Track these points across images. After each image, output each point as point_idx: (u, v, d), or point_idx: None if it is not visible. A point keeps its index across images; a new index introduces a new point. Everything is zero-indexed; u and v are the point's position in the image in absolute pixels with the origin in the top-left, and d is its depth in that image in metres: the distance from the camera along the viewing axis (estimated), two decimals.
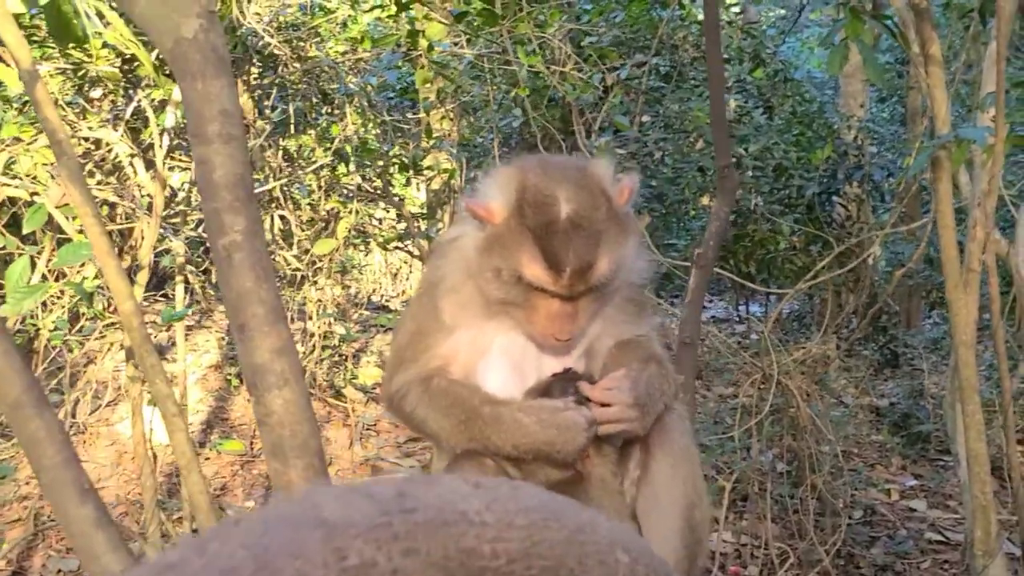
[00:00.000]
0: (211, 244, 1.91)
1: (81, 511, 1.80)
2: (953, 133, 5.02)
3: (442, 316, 2.99)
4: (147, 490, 5.26)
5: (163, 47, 1.92)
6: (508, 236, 2.77)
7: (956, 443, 6.20)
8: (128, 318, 2.67)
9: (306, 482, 1.86)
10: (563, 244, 2.70)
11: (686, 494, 3.04)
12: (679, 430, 3.12)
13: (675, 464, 3.06)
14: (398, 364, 3.05)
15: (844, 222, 11.61)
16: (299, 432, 1.90)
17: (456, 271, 2.99)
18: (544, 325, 2.86)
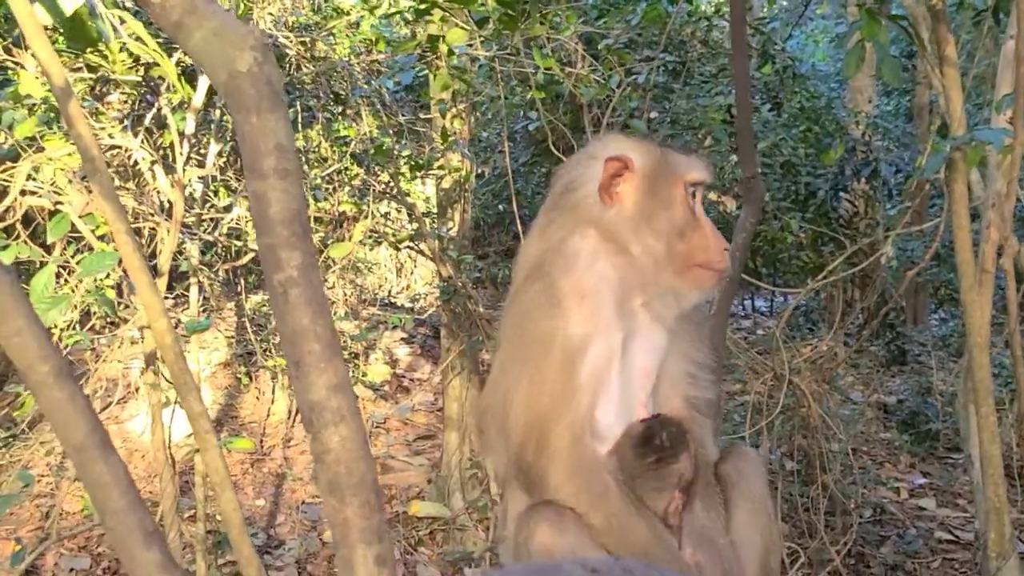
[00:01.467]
0: (267, 280, 1.90)
1: (147, 555, 1.80)
2: (969, 135, 5.01)
3: (571, 331, 2.97)
4: (167, 497, 5.27)
5: (217, 81, 1.91)
6: (661, 170, 3.16)
7: (969, 445, 6.20)
8: (162, 336, 2.67)
9: (363, 519, 1.86)
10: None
11: (764, 542, 3.09)
12: (756, 475, 3.15)
13: (753, 510, 3.09)
14: (532, 450, 2.97)
15: (851, 218, 11.60)
16: (355, 469, 1.89)
17: (582, 270, 3.04)
18: (714, 241, 3.15)
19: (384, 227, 8.90)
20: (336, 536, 1.90)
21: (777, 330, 7.18)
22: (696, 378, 3.29)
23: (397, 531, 8.05)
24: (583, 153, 3.31)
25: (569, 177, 3.25)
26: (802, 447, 7.86)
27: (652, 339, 3.20)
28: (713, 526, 3.08)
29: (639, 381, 3.17)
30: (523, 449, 2.99)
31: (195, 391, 2.79)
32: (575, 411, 2.95)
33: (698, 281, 3.15)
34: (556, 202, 3.26)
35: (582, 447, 2.95)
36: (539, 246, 3.18)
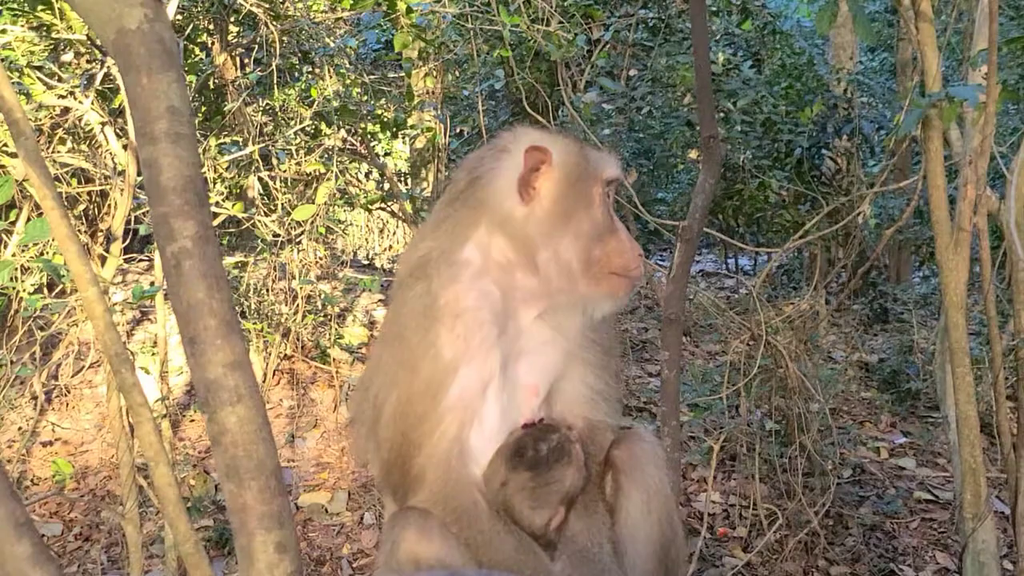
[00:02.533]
0: (159, 251, 1.80)
1: (17, 548, 1.70)
2: (944, 91, 4.91)
3: (441, 353, 2.82)
4: (124, 466, 5.18)
5: (105, 39, 1.79)
6: (582, 166, 2.98)
7: (946, 405, 6.14)
8: (91, 305, 2.56)
9: (262, 505, 1.77)
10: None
11: (662, 533, 2.96)
12: (651, 462, 3.03)
13: (649, 501, 2.97)
14: (399, 465, 2.88)
15: (833, 176, 11.51)
16: (255, 452, 1.80)
17: (463, 285, 2.87)
18: (630, 246, 2.98)
19: (355, 188, 8.79)
20: (234, 523, 1.81)
21: (754, 290, 7.11)
22: (596, 402, 3.14)
23: (373, 495, 7.98)
24: (492, 145, 3.09)
25: (477, 171, 3.04)
26: (781, 407, 7.80)
27: (542, 358, 3.05)
28: (589, 533, 2.97)
29: (525, 399, 3.03)
30: (390, 466, 2.90)
31: (127, 362, 2.69)
32: (441, 436, 2.81)
33: (612, 289, 2.97)
34: (458, 196, 3.05)
35: (447, 471, 2.83)
36: (430, 243, 2.98)
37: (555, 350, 3.05)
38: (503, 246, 2.93)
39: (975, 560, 5.38)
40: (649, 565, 2.93)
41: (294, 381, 9.08)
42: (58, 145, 6.90)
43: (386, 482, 2.95)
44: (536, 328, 3.01)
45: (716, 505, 7.92)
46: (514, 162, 2.93)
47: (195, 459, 8.14)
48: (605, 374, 3.15)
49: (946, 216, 5.04)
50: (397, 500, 2.92)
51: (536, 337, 3.01)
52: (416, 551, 2.68)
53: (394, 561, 2.70)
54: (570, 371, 3.09)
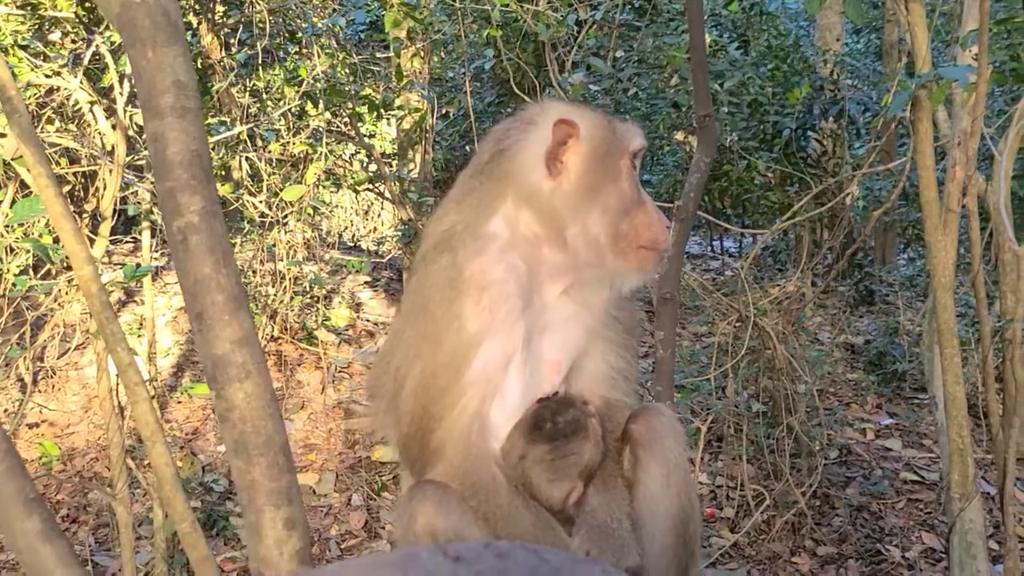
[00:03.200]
0: (166, 226, 1.78)
1: (27, 524, 1.69)
2: (934, 72, 4.91)
3: (466, 325, 2.78)
4: (114, 447, 5.16)
5: (109, 12, 1.77)
6: (608, 138, 2.92)
7: (933, 386, 6.18)
8: (86, 283, 2.54)
9: (271, 481, 1.76)
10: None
11: (680, 507, 2.93)
12: (671, 435, 3.01)
13: (668, 475, 2.94)
14: (419, 438, 2.85)
15: (820, 158, 11.52)
16: (263, 428, 1.79)
17: (490, 258, 2.83)
18: (658, 219, 2.94)
19: (342, 169, 8.75)
20: (243, 500, 1.80)
21: (742, 272, 7.12)
22: (616, 381, 3.11)
23: (360, 476, 7.98)
24: (518, 117, 3.03)
25: (502, 144, 2.96)
26: (768, 389, 7.82)
27: (565, 334, 3.02)
28: (607, 509, 2.96)
29: (547, 375, 3.00)
30: (409, 440, 2.86)
31: (123, 341, 2.68)
32: (462, 410, 2.78)
33: (641, 262, 2.92)
34: (483, 168, 2.99)
35: (467, 446, 2.80)
36: (455, 216, 2.94)
37: (578, 327, 3.01)
38: (529, 220, 2.89)
39: (962, 540, 5.41)
40: (668, 539, 2.91)
41: (281, 363, 9.07)
42: (46, 125, 6.85)
43: (405, 455, 2.92)
44: (561, 304, 2.97)
45: (704, 486, 7.94)
46: (542, 135, 2.88)
47: (182, 440, 8.12)
48: (626, 353, 3.12)
49: (935, 197, 5.05)
50: (415, 474, 2.90)
51: (560, 313, 2.97)
52: (434, 524, 2.67)
53: (411, 534, 2.68)
54: (592, 349, 3.06)
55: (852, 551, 7.22)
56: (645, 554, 2.89)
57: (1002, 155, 5.37)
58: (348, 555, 7.24)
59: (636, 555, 2.85)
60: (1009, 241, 5.50)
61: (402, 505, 2.79)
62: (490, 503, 2.76)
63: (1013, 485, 5.58)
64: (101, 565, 6.89)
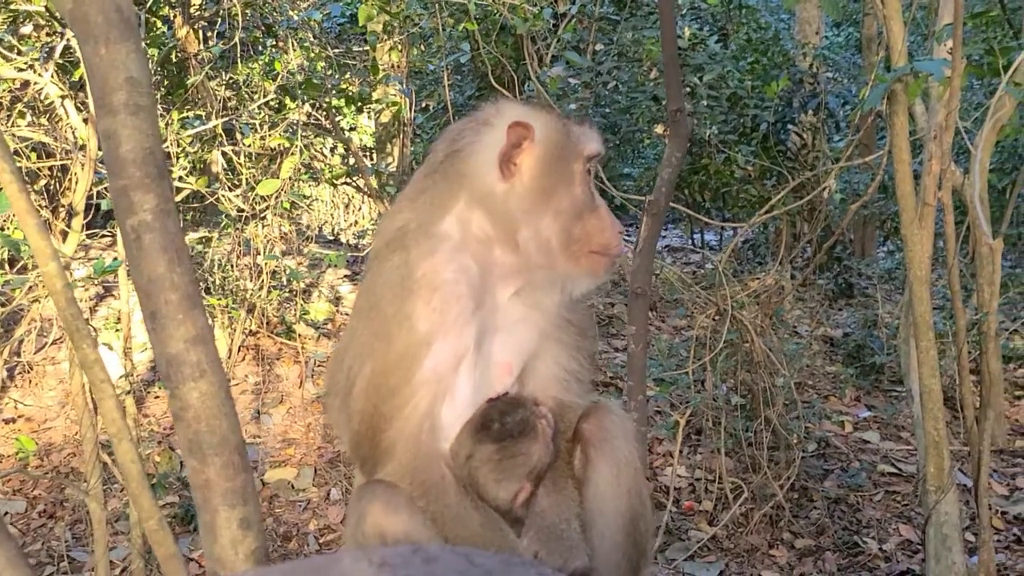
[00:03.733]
0: (119, 224, 1.77)
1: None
2: (910, 66, 4.92)
3: (417, 325, 2.76)
4: (88, 442, 5.14)
5: (62, 8, 1.76)
6: (563, 141, 2.91)
7: (910, 379, 6.19)
8: (51, 279, 2.52)
9: (226, 481, 1.75)
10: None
11: (631, 506, 2.94)
12: (621, 435, 3.01)
13: (619, 474, 2.95)
14: (370, 437, 2.82)
15: (799, 151, 11.53)
16: (217, 427, 1.78)
17: (441, 258, 2.80)
18: (611, 224, 2.93)
19: (320, 163, 8.73)
20: (197, 500, 1.79)
21: (720, 265, 7.12)
22: (568, 383, 3.10)
23: (339, 471, 7.97)
24: (473, 117, 3.01)
25: (456, 144, 2.95)
26: (746, 382, 7.83)
27: (517, 335, 3.01)
28: (556, 510, 2.95)
29: (498, 376, 2.99)
30: (361, 438, 2.84)
31: (88, 338, 2.66)
32: (413, 409, 2.77)
33: (592, 267, 2.92)
34: (437, 167, 2.97)
35: (417, 445, 2.79)
36: (408, 215, 2.91)
37: (530, 328, 3.01)
38: (482, 221, 2.87)
39: (938, 532, 5.43)
40: (618, 537, 2.91)
41: (259, 357, 9.04)
42: (17, 119, 6.80)
43: (356, 454, 2.92)
44: (512, 305, 2.97)
45: (682, 479, 7.95)
46: (496, 137, 2.87)
47: (160, 435, 8.10)
48: (579, 355, 3.11)
49: (911, 191, 5.06)
50: (366, 472, 2.89)
51: (512, 314, 2.97)
52: (382, 524, 2.66)
53: (360, 534, 2.68)
54: (544, 351, 3.06)
55: (830, 543, 7.23)
56: (595, 553, 2.89)
57: (978, 148, 5.39)
58: (327, 549, 7.23)
59: (584, 556, 2.85)
60: (984, 235, 5.53)
61: (351, 504, 2.79)
62: (439, 503, 2.76)
63: (988, 477, 5.61)
64: (78, 560, 6.87)
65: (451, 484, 2.81)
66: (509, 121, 2.86)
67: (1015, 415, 9.16)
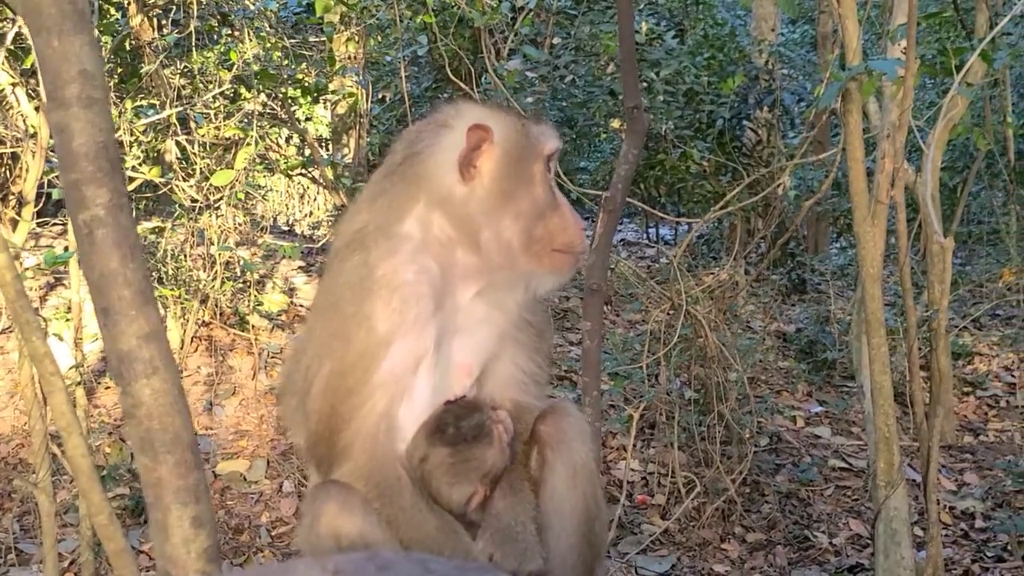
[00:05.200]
0: (71, 219, 1.75)
1: None
2: (864, 65, 4.95)
3: (376, 326, 2.75)
4: (36, 434, 5.08)
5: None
6: (522, 142, 2.91)
7: (861, 375, 6.25)
8: (0, 271, 2.49)
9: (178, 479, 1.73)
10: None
11: (586, 508, 2.94)
12: (577, 436, 3.01)
13: (575, 475, 2.95)
14: (326, 438, 2.81)
15: (754, 147, 11.60)
16: (170, 425, 1.76)
17: (402, 258, 2.80)
18: (573, 222, 2.93)
19: (275, 154, 8.68)
20: (149, 498, 1.78)
21: (675, 260, 7.15)
22: (526, 385, 3.10)
23: (292, 463, 7.93)
24: (431, 120, 3.01)
25: (415, 147, 2.95)
26: (700, 376, 7.87)
27: (477, 337, 3.00)
28: (512, 512, 2.95)
29: (457, 378, 2.98)
30: (317, 439, 2.84)
31: (38, 330, 2.63)
32: (370, 410, 2.76)
33: (556, 266, 2.92)
34: (395, 169, 2.96)
35: (374, 446, 2.78)
36: (367, 216, 2.90)
37: (490, 330, 3.00)
38: (443, 223, 2.86)
39: (887, 527, 5.48)
40: (573, 539, 2.92)
41: (212, 348, 8.97)
42: None
43: (312, 454, 2.91)
44: (473, 306, 2.96)
45: (635, 473, 7.99)
46: (455, 139, 2.86)
47: (110, 427, 8.02)
48: (537, 356, 3.12)
49: (864, 188, 5.10)
50: (322, 472, 2.88)
51: (472, 316, 2.96)
52: (337, 525, 2.65)
53: (314, 535, 2.66)
54: (503, 352, 3.05)
55: (780, 537, 7.30)
56: (551, 555, 2.90)
57: (930, 147, 5.44)
58: (279, 543, 7.20)
59: (540, 558, 2.85)
60: (936, 233, 5.59)
61: (306, 505, 2.78)
62: (394, 505, 2.75)
63: (937, 472, 5.67)
64: (26, 553, 6.79)
65: (407, 486, 2.80)
66: (468, 123, 2.85)
67: (963, 411, 9.27)
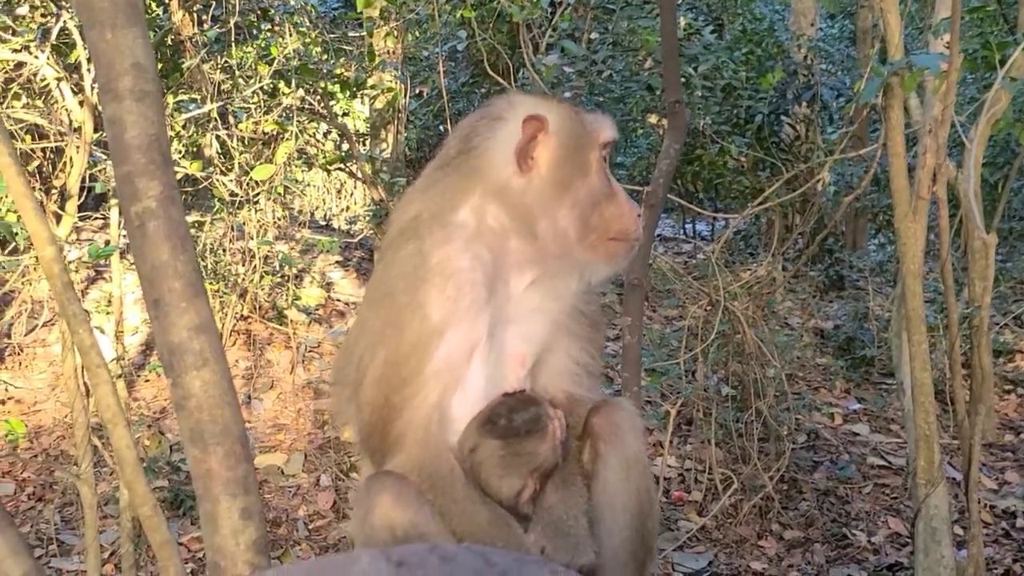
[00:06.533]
0: (123, 211, 1.76)
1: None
2: (906, 59, 4.92)
3: (430, 314, 2.75)
4: (79, 426, 5.12)
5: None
6: (577, 131, 2.91)
7: (901, 372, 6.20)
8: (48, 264, 2.51)
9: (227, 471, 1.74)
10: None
11: (639, 502, 2.92)
12: (631, 430, 3.00)
13: (628, 469, 2.94)
14: (379, 428, 2.82)
15: (792, 143, 11.53)
16: (220, 417, 1.77)
17: (456, 246, 2.80)
18: (628, 209, 2.94)
19: (313, 148, 8.70)
20: (198, 489, 1.79)
21: (713, 256, 7.12)
22: (579, 377, 3.09)
23: (329, 457, 7.97)
24: (484, 112, 3.01)
25: (470, 141, 2.94)
26: (737, 373, 7.85)
27: (531, 326, 2.99)
28: (565, 506, 2.93)
29: (511, 368, 2.97)
30: (371, 429, 2.83)
31: (85, 323, 2.65)
32: (423, 401, 2.76)
33: (611, 254, 2.93)
34: (449, 162, 2.96)
35: (427, 437, 2.79)
36: (420, 205, 2.91)
37: (544, 320, 3.00)
38: (498, 213, 2.86)
39: (927, 525, 5.44)
40: (625, 534, 2.90)
41: (251, 342, 9.03)
42: (12, 101, 6.78)
43: (365, 445, 2.91)
44: (527, 296, 2.95)
45: (672, 469, 7.97)
46: (510, 131, 2.86)
47: (150, 419, 8.08)
48: (591, 348, 3.10)
49: (905, 184, 5.06)
50: (375, 463, 2.88)
51: (526, 305, 2.95)
52: (391, 517, 2.65)
53: (368, 526, 2.67)
54: (557, 343, 3.04)
55: (818, 535, 7.26)
56: (602, 549, 2.88)
57: (972, 143, 5.39)
58: (316, 536, 7.23)
59: (591, 553, 2.84)
60: (977, 229, 5.53)
61: (359, 496, 2.77)
62: (446, 497, 2.75)
63: (978, 471, 5.63)
64: (67, 544, 6.86)
65: (459, 478, 2.80)
66: (523, 115, 2.84)
67: (1004, 409, 9.19)
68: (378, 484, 2.71)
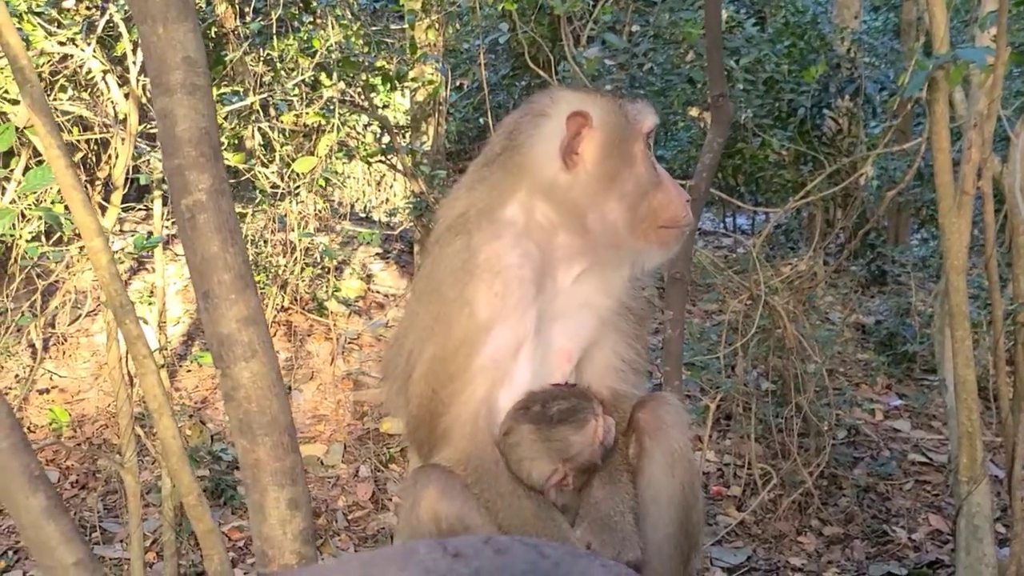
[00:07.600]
0: (173, 204, 1.77)
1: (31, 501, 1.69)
2: (952, 53, 4.86)
3: (478, 310, 2.79)
4: (123, 415, 5.17)
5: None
6: (621, 123, 2.92)
7: (944, 368, 6.14)
8: (96, 255, 2.54)
9: (275, 461, 1.76)
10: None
11: (684, 496, 2.93)
12: (677, 425, 3.00)
13: (673, 464, 2.94)
14: (427, 422, 2.86)
15: (835, 136, 11.45)
16: (268, 408, 1.79)
17: (505, 242, 2.83)
18: (677, 196, 2.95)
19: (355, 140, 8.73)
20: (247, 479, 1.80)
21: (754, 250, 7.09)
22: (625, 373, 3.11)
23: (368, 448, 8.00)
24: (527, 108, 3.03)
25: (515, 138, 2.96)
26: (777, 368, 7.81)
27: (578, 322, 3.02)
28: (610, 501, 2.93)
29: (557, 364, 3.01)
30: (418, 422, 2.88)
31: (132, 313, 2.68)
32: (471, 395, 2.81)
33: (663, 241, 2.95)
34: (495, 159, 2.98)
35: (474, 431, 2.83)
36: (467, 201, 2.94)
37: (591, 315, 3.01)
38: (545, 209, 2.89)
39: (969, 523, 5.40)
40: (671, 528, 2.91)
41: (291, 333, 9.08)
42: (58, 93, 6.84)
43: (412, 438, 2.94)
44: (574, 291, 2.97)
45: (711, 464, 7.95)
46: (554, 127, 2.88)
47: (191, 409, 8.15)
48: (637, 344, 3.12)
49: (950, 179, 5.01)
50: (423, 456, 2.92)
51: (573, 301, 2.97)
52: (437, 509, 2.68)
53: (414, 517, 2.70)
54: (603, 339, 3.06)
55: (858, 531, 7.22)
56: (647, 543, 2.89)
57: (1018, 137, 5.33)
58: (355, 527, 7.27)
59: (637, 549, 2.85)
60: (1023, 224, 5.48)
61: (407, 488, 2.80)
62: (492, 490, 2.77)
63: (1021, 469, 5.57)
64: (109, 531, 6.93)
65: (505, 472, 2.83)
66: (567, 111, 2.86)
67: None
68: (425, 477, 2.73)
